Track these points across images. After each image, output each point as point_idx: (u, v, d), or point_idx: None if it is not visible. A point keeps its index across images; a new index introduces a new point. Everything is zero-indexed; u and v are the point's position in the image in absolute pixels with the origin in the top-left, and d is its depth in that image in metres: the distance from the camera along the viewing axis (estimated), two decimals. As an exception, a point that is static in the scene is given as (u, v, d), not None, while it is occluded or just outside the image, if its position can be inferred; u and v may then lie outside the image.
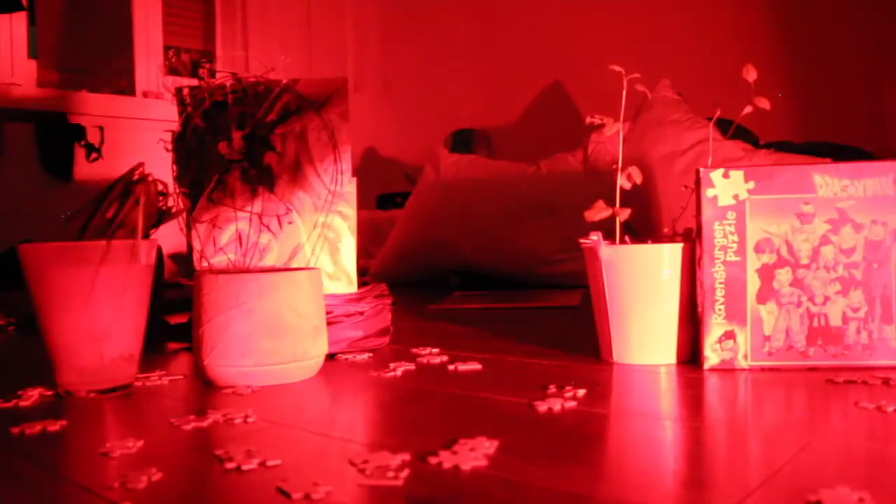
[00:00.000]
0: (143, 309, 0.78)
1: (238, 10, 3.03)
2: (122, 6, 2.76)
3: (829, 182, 0.77)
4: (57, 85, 2.70)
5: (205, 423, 0.63)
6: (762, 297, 0.77)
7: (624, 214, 0.86)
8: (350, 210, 1.00)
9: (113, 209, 0.93)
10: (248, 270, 0.85)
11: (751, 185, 0.77)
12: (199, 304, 0.77)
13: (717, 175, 0.78)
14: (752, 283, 0.77)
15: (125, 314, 0.76)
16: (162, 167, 1.06)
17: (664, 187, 1.84)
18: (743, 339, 0.77)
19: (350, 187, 1.00)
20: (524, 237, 1.93)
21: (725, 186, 0.78)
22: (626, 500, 0.43)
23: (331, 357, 0.92)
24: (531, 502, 0.44)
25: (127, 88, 2.74)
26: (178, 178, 1.00)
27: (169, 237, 1.13)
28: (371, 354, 0.93)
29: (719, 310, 0.78)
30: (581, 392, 0.69)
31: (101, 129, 2.51)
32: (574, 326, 1.16)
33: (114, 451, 0.55)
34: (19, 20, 2.51)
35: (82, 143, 2.48)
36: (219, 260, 0.99)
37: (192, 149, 0.97)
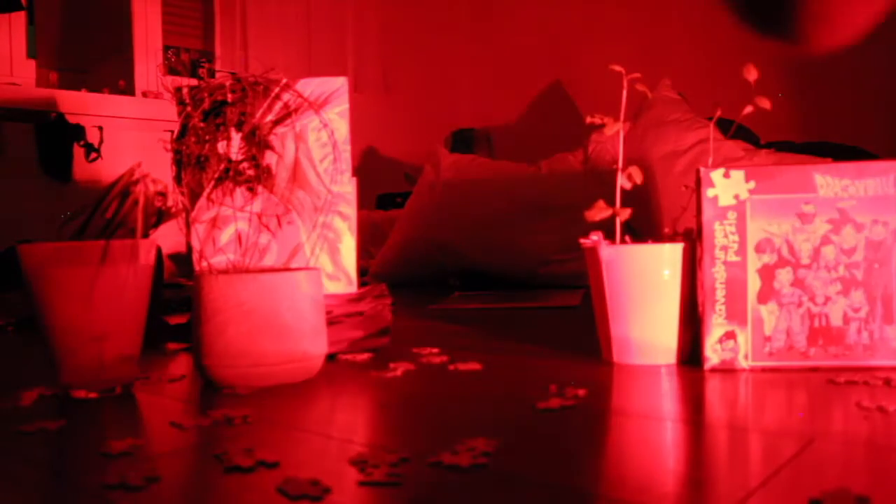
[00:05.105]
0: (142, 309, 0.78)
1: (238, 10, 3.03)
2: (121, 6, 2.75)
3: (830, 182, 0.77)
4: (56, 85, 2.70)
5: (205, 423, 0.63)
6: (763, 297, 0.77)
7: (624, 214, 0.85)
8: (350, 210, 1.00)
9: (112, 209, 0.93)
10: (247, 270, 0.85)
11: (751, 184, 0.77)
12: (199, 305, 0.77)
13: (717, 175, 0.78)
14: (753, 283, 0.77)
15: (125, 314, 0.76)
16: (161, 167, 1.06)
17: (665, 187, 1.84)
18: (744, 339, 0.77)
19: (350, 187, 1.00)
20: (524, 237, 1.93)
21: (726, 186, 0.78)
22: (626, 501, 0.43)
23: (331, 357, 0.92)
24: (531, 502, 0.43)
25: (126, 88, 2.74)
26: (178, 178, 1.00)
27: (169, 237, 1.13)
28: (371, 354, 0.93)
29: (720, 310, 0.78)
30: (581, 392, 0.69)
31: (101, 129, 2.51)
32: (574, 326, 1.16)
33: (113, 450, 0.55)
34: (18, 20, 2.50)
35: (81, 143, 2.48)
36: (218, 260, 0.99)
37: (191, 148, 0.97)
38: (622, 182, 0.85)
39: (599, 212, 0.85)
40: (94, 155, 2.49)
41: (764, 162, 1.79)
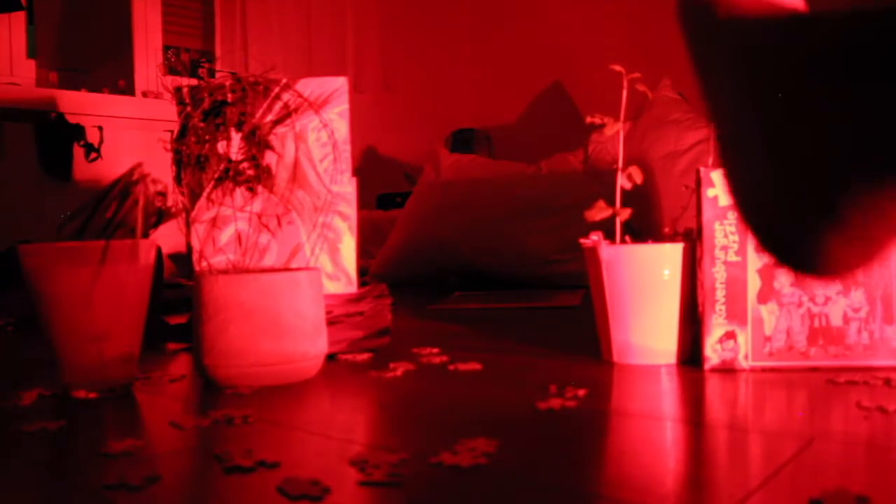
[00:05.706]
0: (142, 309, 0.78)
1: (238, 10, 3.03)
2: (121, 6, 2.75)
3: (830, 182, 0.77)
4: (56, 85, 2.70)
5: (205, 423, 0.63)
6: (763, 297, 0.77)
7: (624, 214, 0.85)
8: (350, 210, 1.00)
9: (112, 209, 0.93)
10: (247, 270, 0.85)
11: (751, 184, 0.77)
12: (199, 304, 0.77)
13: (717, 175, 0.78)
14: (753, 283, 0.77)
15: (125, 314, 0.76)
16: (161, 167, 1.06)
17: (665, 187, 1.83)
18: (744, 339, 0.77)
19: (350, 187, 1.00)
20: (524, 237, 1.93)
21: (726, 186, 0.78)
22: (626, 500, 0.43)
23: (331, 357, 0.92)
24: (531, 502, 0.43)
25: (126, 88, 2.74)
26: (178, 178, 1.00)
27: (169, 237, 1.13)
28: (371, 354, 0.93)
29: (720, 310, 0.78)
30: (581, 392, 0.69)
31: (101, 128, 2.51)
32: (574, 326, 1.16)
33: (113, 451, 0.55)
34: (18, 20, 2.50)
35: (81, 143, 2.48)
36: (218, 260, 0.99)
37: (191, 148, 0.97)
38: (622, 182, 0.85)
39: (599, 212, 0.85)
40: (94, 155, 2.49)
41: (764, 162, 1.79)
